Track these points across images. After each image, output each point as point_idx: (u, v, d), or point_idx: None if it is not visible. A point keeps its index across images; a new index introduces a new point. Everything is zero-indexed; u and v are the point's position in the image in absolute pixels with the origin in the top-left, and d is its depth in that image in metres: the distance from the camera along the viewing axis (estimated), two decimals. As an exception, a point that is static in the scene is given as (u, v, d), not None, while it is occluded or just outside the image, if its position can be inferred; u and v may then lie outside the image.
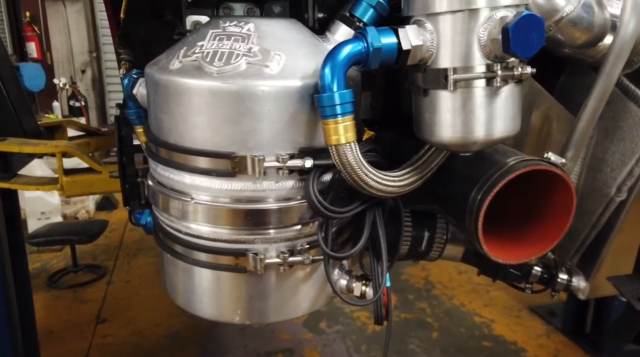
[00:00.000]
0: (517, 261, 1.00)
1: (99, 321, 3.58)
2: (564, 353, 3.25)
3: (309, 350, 3.26)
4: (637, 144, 0.98)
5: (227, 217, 1.03)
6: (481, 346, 3.32)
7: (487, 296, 3.94)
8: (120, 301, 3.86)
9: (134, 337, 3.39)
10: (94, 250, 4.72)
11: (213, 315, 1.15)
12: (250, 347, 3.29)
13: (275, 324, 3.54)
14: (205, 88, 0.95)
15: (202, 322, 3.56)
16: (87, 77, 6.38)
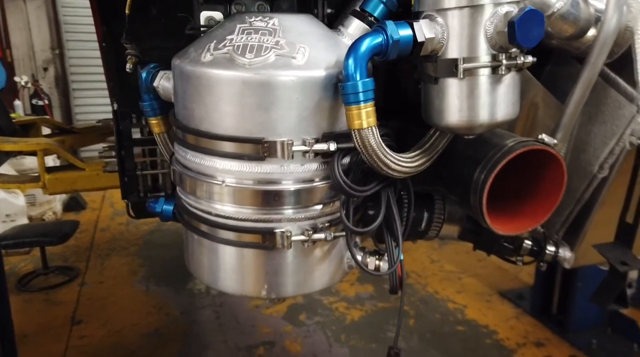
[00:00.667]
0: (516, 233, 1.09)
1: (74, 323, 3.51)
2: (533, 334, 3.41)
3: (289, 342, 3.31)
4: (617, 125, 1.08)
5: (256, 198, 1.09)
6: (456, 330, 3.45)
7: (459, 283, 4.08)
8: (95, 302, 3.80)
9: (112, 338, 3.35)
10: (64, 252, 4.61)
11: (240, 290, 1.21)
12: (230, 341, 3.31)
13: (254, 318, 3.57)
14: (239, 79, 1.02)
15: (180, 320, 3.55)
16: (50, 74, 6.18)
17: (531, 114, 1.18)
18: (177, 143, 1.21)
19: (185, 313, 3.65)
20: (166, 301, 3.81)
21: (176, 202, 1.31)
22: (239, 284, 1.19)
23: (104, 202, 5.99)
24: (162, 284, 4.05)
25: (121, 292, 3.95)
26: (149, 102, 1.33)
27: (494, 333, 3.42)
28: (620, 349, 3.21)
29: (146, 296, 3.88)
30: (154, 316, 3.62)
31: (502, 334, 3.41)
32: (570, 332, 3.34)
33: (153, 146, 1.48)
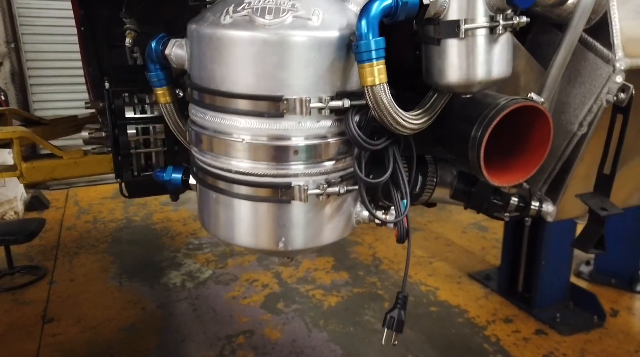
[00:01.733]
0: (509, 184, 1.19)
1: (46, 321, 3.42)
2: (501, 311, 3.59)
3: (269, 329, 3.35)
4: (595, 85, 1.20)
5: (274, 154, 1.15)
6: (429, 311, 3.58)
7: (430, 267, 4.23)
8: (67, 300, 3.71)
9: (87, 334, 3.29)
10: (29, 251, 4.46)
11: (256, 244, 1.25)
12: (209, 332, 3.32)
13: (232, 309, 3.58)
14: (260, 38, 1.07)
15: (157, 314, 3.53)
16: (6, 69, 5.92)
17: (517, 79, 1.28)
18: (195, 105, 1.25)
19: (162, 307, 3.62)
20: (141, 295, 3.77)
21: (191, 162, 1.34)
22: (256, 238, 1.24)
23: (67, 201, 5.81)
24: (136, 280, 4.00)
25: (93, 289, 3.87)
26: (155, 73, 1.35)
27: (465, 312, 3.57)
28: (581, 321, 3.42)
29: (120, 292, 3.82)
30: (129, 311, 3.57)
31: (473, 312, 3.56)
32: (536, 308, 3.53)
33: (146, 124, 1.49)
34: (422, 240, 4.75)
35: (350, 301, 3.71)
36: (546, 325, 3.39)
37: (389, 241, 4.71)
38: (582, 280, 3.96)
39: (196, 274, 4.10)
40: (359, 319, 3.47)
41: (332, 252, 4.47)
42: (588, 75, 1.20)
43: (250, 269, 4.18)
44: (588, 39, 1.20)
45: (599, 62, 1.18)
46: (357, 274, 4.10)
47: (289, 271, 4.15)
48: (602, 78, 1.17)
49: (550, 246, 3.49)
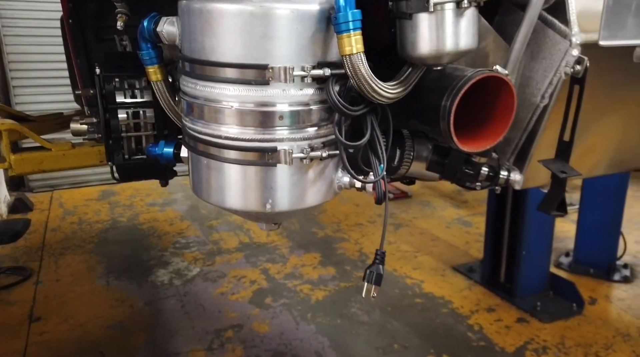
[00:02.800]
0: (478, 150, 1.29)
1: (33, 320, 3.41)
2: (484, 301, 3.68)
3: (257, 323, 3.39)
4: (554, 59, 1.30)
5: (260, 120, 1.24)
6: (414, 302, 3.66)
7: (415, 261, 4.31)
8: (53, 299, 3.70)
9: (75, 332, 3.29)
10: (14, 253, 4.42)
11: (245, 206, 1.33)
12: (198, 327, 3.34)
13: (220, 304, 3.62)
14: (247, 11, 1.16)
15: (145, 311, 3.54)
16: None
17: (486, 57, 1.38)
18: (186, 76, 1.32)
19: (150, 304, 3.64)
20: (129, 294, 3.78)
21: (183, 133, 1.41)
22: (245, 200, 1.32)
23: (52, 203, 5.77)
24: (123, 279, 4.00)
25: (80, 288, 3.86)
26: (147, 51, 1.43)
27: (449, 303, 3.65)
28: (561, 310, 3.53)
29: (107, 291, 3.83)
30: (117, 309, 3.58)
31: (457, 303, 3.65)
32: (517, 298, 3.63)
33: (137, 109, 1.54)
34: (407, 235, 4.83)
35: (337, 294, 3.77)
36: (527, 313, 3.49)
37: (374, 237, 4.79)
38: (562, 270, 4.08)
39: (184, 271, 4.12)
40: (346, 311, 3.53)
41: (319, 248, 4.53)
42: (548, 50, 1.30)
43: (238, 266, 4.22)
44: (548, 17, 1.30)
45: (557, 38, 1.28)
46: (344, 269, 4.17)
47: (276, 267, 4.19)
48: (560, 52, 1.27)
49: (529, 238, 3.60)
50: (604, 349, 3.14)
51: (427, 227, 5.03)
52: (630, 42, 1.23)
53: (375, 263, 1.37)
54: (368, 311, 3.54)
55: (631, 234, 4.58)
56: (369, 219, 5.20)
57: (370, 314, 3.50)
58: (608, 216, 3.93)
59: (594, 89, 1.32)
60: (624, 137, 1.63)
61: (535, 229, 3.61)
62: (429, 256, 4.40)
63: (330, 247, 4.57)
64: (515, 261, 3.68)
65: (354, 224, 5.08)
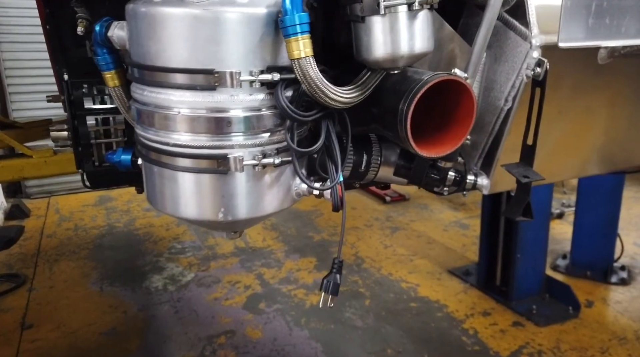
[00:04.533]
0: (438, 155, 1.27)
1: (25, 327, 3.39)
2: (480, 305, 3.65)
3: (250, 329, 3.36)
4: (516, 62, 1.28)
5: (209, 126, 1.21)
6: (409, 307, 3.63)
7: (411, 265, 4.28)
8: (46, 306, 3.68)
9: (67, 339, 3.27)
10: (8, 260, 4.42)
11: (199, 215, 1.30)
12: (191, 333, 3.32)
13: (213, 310, 3.59)
14: (189, 15, 1.14)
15: (138, 317, 3.52)
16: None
17: (453, 61, 1.37)
18: (135, 82, 1.30)
19: (143, 310, 3.62)
20: (122, 300, 3.76)
21: (135, 140, 1.38)
22: (198, 209, 1.29)
23: (48, 209, 5.77)
24: (117, 284, 3.99)
25: (74, 294, 3.85)
26: (103, 56, 1.40)
27: (444, 307, 3.62)
28: (557, 312, 3.49)
29: (101, 297, 3.81)
30: (110, 315, 3.56)
31: (452, 307, 3.62)
32: (513, 301, 3.60)
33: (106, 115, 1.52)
34: (404, 238, 4.81)
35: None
36: (523, 317, 3.46)
37: (371, 241, 4.76)
38: (558, 273, 4.04)
39: (178, 277, 4.10)
40: (340, 316, 3.51)
41: (315, 252, 4.51)
42: (510, 52, 1.28)
43: (232, 271, 4.20)
44: (509, 19, 1.28)
45: (518, 40, 1.25)
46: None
47: (271, 272, 4.17)
48: (521, 54, 1.25)
49: (525, 241, 3.57)
50: (600, 353, 3.10)
51: (424, 230, 5.00)
52: (590, 44, 1.20)
53: (333, 272, 1.33)
54: (362, 315, 3.51)
55: (629, 236, 4.55)
56: (365, 223, 5.18)
57: (364, 319, 3.47)
58: (605, 217, 3.90)
59: (558, 91, 1.30)
60: (599, 139, 1.61)
61: (531, 232, 3.58)
62: (425, 260, 4.37)
63: (326, 251, 4.55)
64: (510, 263, 3.65)
65: (350, 228, 5.06)
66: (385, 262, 4.33)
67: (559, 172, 1.63)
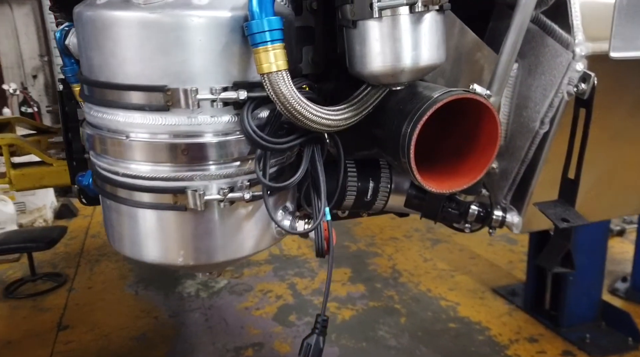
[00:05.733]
0: (450, 190, 1.04)
1: (61, 328, 3.46)
2: (526, 329, 3.37)
3: (278, 342, 3.26)
4: (555, 75, 1.03)
5: (164, 154, 1.02)
6: (447, 327, 3.40)
7: (451, 281, 4.04)
8: (83, 307, 3.75)
9: (99, 342, 3.30)
10: (53, 258, 4.57)
11: (157, 258, 1.13)
12: (219, 343, 3.26)
13: (243, 320, 3.52)
14: (133, 19, 0.95)
15: (169, 323, 3.51)
16: (40, 82, 6.16)
17: (480, 73, 1.14)
18: (83, 99, 1.13)
19: (174, 316, 3.60)
20: (155, 304, 3.77)
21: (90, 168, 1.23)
22: (157, 250, 1.12)
23: (95, 210, 5.93)
24: (152, 288, 4.01)
25: (110, 296, 3.90)
26: (70, 67, 1.26)
27: (486, 330, 3.37)
28: (614, 343, 3.16)
29: (135, 300, 3.84)
30: (142, 319, 3.57)
31: (495, 330, 3.36)
32: (564, 327, 3.30)
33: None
34: (445, 252, 4.56)
35: (365, 314, 3.58)
36: (574, 346, 3.15)
37: (409, 253, 4.55)
38: (617, 298, 3.68)
39: (211, 283, 4.07)
40: (372, 334, 3.34)
41: (350, 263, 4.35)
42: (548, 64, 1.04)
43: (265, 279, 4.12)
44: (547, 21, 1.04)
45: (558, 48, 1.01)
46: (375, 286, 3.97)
47: (304, 282, 4.06)
48: (562, 66, 1.00)
49: (579, 261, 3.25)
50: (663, 393, 2.77)
51: (468, 243, 4.72)
52: None
53: (315, 333, 1.10)
54: (396, 334, 3.33)
55: (702, 258, 4.08)
56: (405, 233, 4.96)
57: (399, 338, 3.28)
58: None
59: (611, 112, 1.05)
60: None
61: (586, 251, 3.26)
62: (467, 276, 4.11)
63: (361, 262, 4.38)
64: (561, 285, 3.34)
65: (389, 238, 4.86)
66: (424, 277, 4.11)
67: (611, 209, 1.35)
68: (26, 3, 5.93)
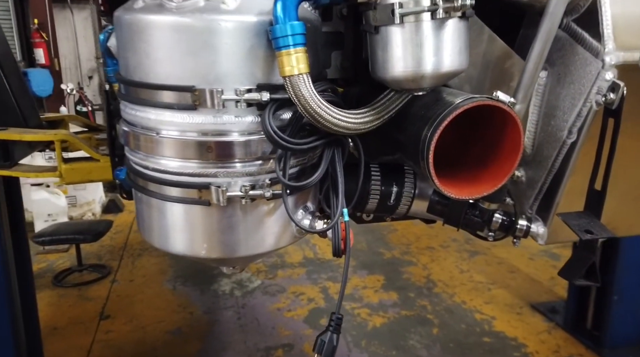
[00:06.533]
0: (470, 197, 1.04)
1: (102, 318, 3.62)
2: (565, 349, 3.23)
3: (308, 345, 3.28)
4: (584, 84, 1.01)
5: (190, 151, 1.07)
6: (481, 341, 3.32)
7: (488, 294, 3.93)
8: (124, 299, 3.91)
9: (136, 333, 3.43)
10: (99, 251, 4.79)
11: (182, 249, 1.18)
12: (250, 342, 3.32)
13: (275, 321, 3.56)
14: (166, 22, 1.01)
15: (203, 319, 3.60)
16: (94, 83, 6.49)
17: (506, 81, 1.13)
18: (119, 97, 1.20)
19: (208, 313, 3.70)
20: (191, 300, 3.88)
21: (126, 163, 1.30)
22: (183, 243, 1.17)
23: (140, 206, 6.18)
24: (189, 284, 4.12)
25: (149, 290, 4.05)
26: (112, 67, 1.35)
27: (522, 346, 3.26)
28: (661, 369, 2.99)
29: (172, 295, 3.96)
30: (178, 314, 3.68)
31: (532, 347, 3.25)
32: (606, 348, 3.14)
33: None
34: (483, 264, 4.44)
35: (396, 323, 3.54)
36: (617, 369, 3.00)
37: (445, 264, 4.47)
38: (667, 321, 3.46)
39: (246, 283, 4.15)
40: (403, 343, 3.30)
41: (383, 270, 4.32)
42: (577, 72, 1.02)
43: (298, 282, 4.16)
44: (577, 30, 1.01)
45: (588, 57, 0.99)
46: (408, 295, 3.92)
47: (337, 286, 4.06)
48: (591, 75, 0.98)
49: (623, 279, 3.10)
50: None
51: (507, 257, 4.58)
52: None
53: (329, 330, 1.12)
54: (428, 345, 3.27)
55: None
56: (441, 243, 4.88)
57: (430, 349, 3.23)
58: None
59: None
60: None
61: (631, 269, 3.10)
62: (504, 290, 3.99)
63: (395, 270, 4.34)
64: (605, 305, 3.19)
65: (425, 247, 4.79)
66: (459, 288, 4.02)
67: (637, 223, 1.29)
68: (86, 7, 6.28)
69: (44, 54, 5.76)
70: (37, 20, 5.73)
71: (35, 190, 5.01)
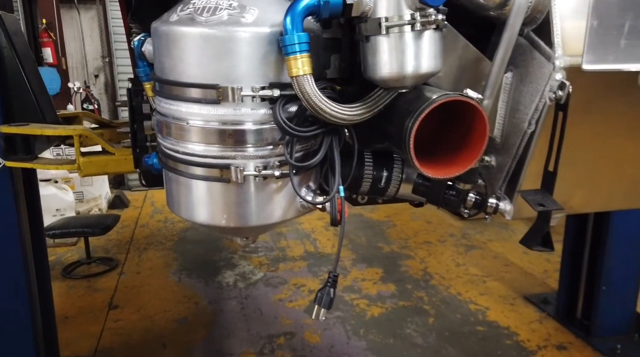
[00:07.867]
0: (445, 176, 1.24)
1: (111, 307, 3.77)
2: (555, 337, 3.37)
3: (309, 333, 3.42)
4: (539, 83, 1.20)
5: (214, 137, 1.29)
6: (475, 330, 3.45)
7: (483, 286, 4.07)
8: (131, 290, 4.05)
9: (144, 322, 3.58)
10: (107, 244, 4.93)
11: (206, 220, 1.39)
12: (253, 330, 3.46)
13: (277, 310, 3.70)
14: (196, 33, 1.23)
15: (208, 309, 3.74)
16: (100, 81, 6.63)
17: (478, 82, 1.32)
18: (155, 94, 1.43)
19: (213, 303, 3.84)
20: (196, 291, 4.02)
21: (157, 148, 1.51)
22: (207, 214, 1.38)
23: (145, 201, 6.33)
24: (193, 276, 4.27)
25: (155, 282, 4.19)
26: (143, 68, 1.55)
27: (514, 335, 3.40)
28: (647, 356, 3.12)
29: (178, 287, 4.11)
30: (184, 304, 3.82)
31: (523, 336, 3.38)
32: (595, 337, 3.28)
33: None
34: (478, 258, 4.58)
35: (393, 313, 3.68)
36: (604, 356, 3.14)
37: (442, 257, 4.61)
38: (654, 312, 3.60)
39: (248, 275, 4.29)
40: (400, 331, 3.44)
41: (382, 263, 4.46)
42: (534, 73, 1.21)
43: (299, 274, 4.30)
44: (535, 38, 1.21)
45: (542, 61, 1.18)
46: (405, 287, 4.06)
47: (337, 279, 4.20)
48: (545, 76, 1.17)
49: (612, 270, 3.24)
50: (695, 409, 2.72)
51: (502, 251, 4.72)
52: (619, 67, 1.08)
53: (327, 286, 1.33)
54: (424, 333, 3.41)
55: None
56: (439, 238, 5.02)
57: (426, 337, 3.37)
58: None
59: (591, 116, 1.20)
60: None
61: (620, 260, 3.23)
62: (499, 282, 4.13)
63: (394, 263, 4.48)
64: (594, 295, 3.32)
65: (423, 242, 4.93)
66: (455, 280, 4.16)
67: (596, 202, 1.48)
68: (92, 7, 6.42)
69: (52, 53, 5.90)
70: (45, 20, 5.87)
71: (43, 185, 5.14)
